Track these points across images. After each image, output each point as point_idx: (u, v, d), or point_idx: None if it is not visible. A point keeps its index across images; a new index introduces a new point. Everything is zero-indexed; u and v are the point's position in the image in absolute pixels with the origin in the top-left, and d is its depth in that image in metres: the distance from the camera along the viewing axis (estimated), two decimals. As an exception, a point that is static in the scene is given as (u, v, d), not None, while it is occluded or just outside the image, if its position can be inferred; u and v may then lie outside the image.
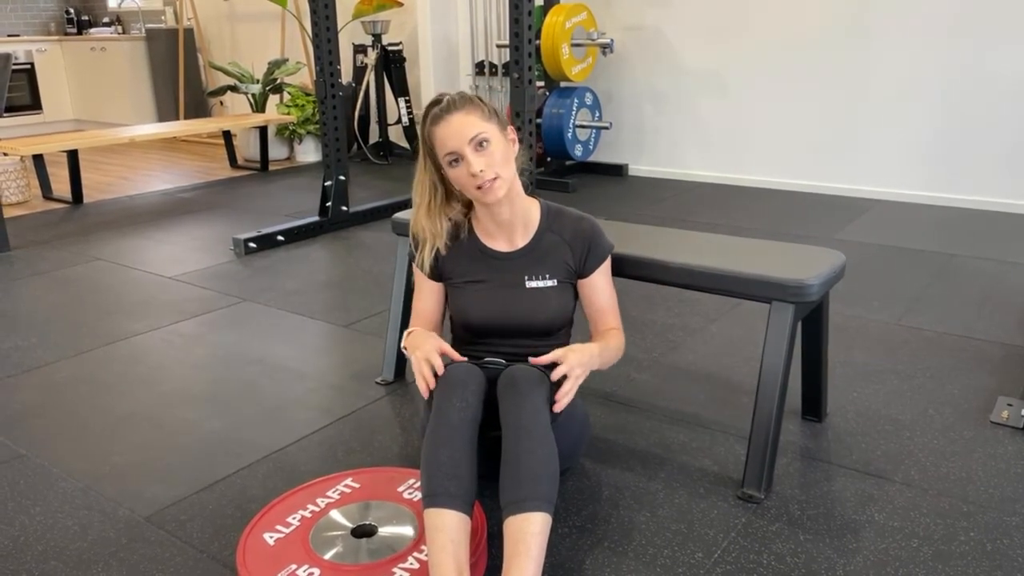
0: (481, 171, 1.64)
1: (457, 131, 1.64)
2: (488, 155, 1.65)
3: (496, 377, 1.64)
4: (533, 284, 1.79)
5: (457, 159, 1.66)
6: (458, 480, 1.48)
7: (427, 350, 1.64)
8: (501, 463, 1.52)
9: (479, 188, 1.66)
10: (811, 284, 1.75)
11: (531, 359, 1.65)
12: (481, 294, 1.80)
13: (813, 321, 2.04)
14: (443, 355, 1.66)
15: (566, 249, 1.80)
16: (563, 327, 1.86)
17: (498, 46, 5.79)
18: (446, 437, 1.52)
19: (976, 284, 3.20)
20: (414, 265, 1.88)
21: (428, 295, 1.87)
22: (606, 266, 1.84)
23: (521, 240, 1.80)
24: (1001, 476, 1.89)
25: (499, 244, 1.81)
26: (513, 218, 1.78)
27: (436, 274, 1.85)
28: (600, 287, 1.85)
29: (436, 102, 1.69)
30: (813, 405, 2.16)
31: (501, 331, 1.81)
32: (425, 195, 1.77)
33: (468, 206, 1.84)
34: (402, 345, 1.71)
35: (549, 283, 1.79)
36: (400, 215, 2.34)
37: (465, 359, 1.66)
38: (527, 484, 1.46)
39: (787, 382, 1.82)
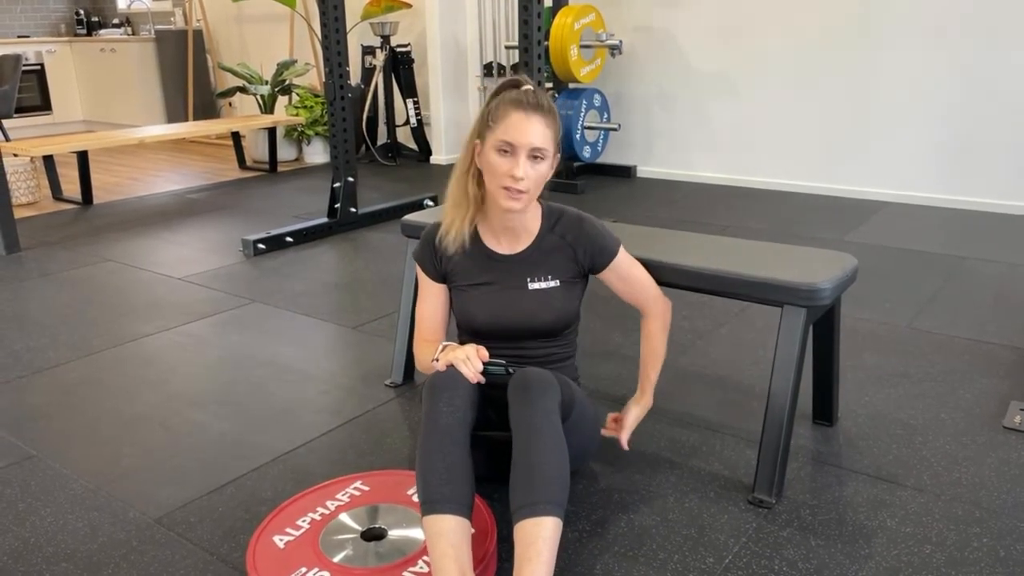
0: (521, 179, 1.63)
1: (529, 131, 1.62)
2: (535, 171, 1.66)
3: (498, 380, 1.63)
4: (536, 286, 1.79)
5: (508, 152, 1.64)
6: (453, 484, 1.48)
7: (466, 349, 1.62)
8: (512, 466, 1.51)
9: (506, 189, 1.65)
10: (823, 288, 1.74)
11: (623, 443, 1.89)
12: (485, 297, 1.80)
13: (824, 324, 2.03)
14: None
15: (569, 250, 1.80)
16: (567, 328, 1.85)
17: (507, 47, 5.79)
18: (437, 442, 1.52)
19: (988, 287, 3.18)
20: (418, 269, 1.87)
21: (432, 299, 1.87)
22: (620, 257, 1.83)
23: (523, 243, 1.80)
24: (1014, 481, 1.88)
25: (502, 247, 1.81)
26: (519, 224, 1.79)
27: (440, 276, 1.85)
28: (623, 275, 1.85)
29: (523, 87, 1.67)
30: (824, 409, 2.15)
31: (506, 333, 1.81)
32: (473, 165, 1.74)
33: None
34: (433, 358, 1.66)
35: (552, 284, 1.79)
36: (410, 217, 2.34)
37: (503, 361, 1.65)
38: (539, 488, 1.45)
39: (799, 386, 1.81)
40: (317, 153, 6.43)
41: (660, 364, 1.92)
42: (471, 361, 1.59)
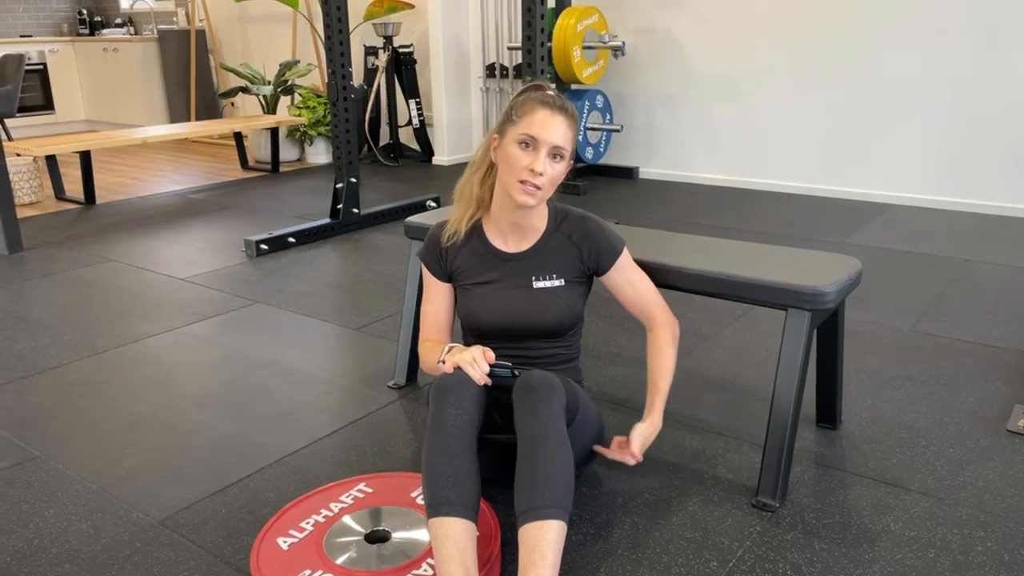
0: (540, 175, 1.66)
1: (553, 129, 1.66)
2: (553, 169, 1.69)
3: (504, 382, 1.64)
4: (541, 284, 1.80)
5: (530, 146, 1.67)
6: (459, 487, 1.48)
7: (473, 351, 1.62)
8: (516, 470, 1.51)
9: (522, 183, 1.67)
10: (828, 292, 1.74)
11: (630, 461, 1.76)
12: (490, 295, 1.80)
13: (828, 328, 2.03)
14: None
15: (574, 250, 1.81)
16: (572, 328, 1.85)
17: (509, 48, 5.79)
18: (444, 445, 1.52)
19: (991, 289, 3.18)
20: (423, 269, 1.88)
21: (437, 298, 1.88)
22: (624, 257, 1.84)
23: (529, 241, 1.81)
24: (1019, 485, 1.87)
25: (508, 245, 1.82)
26: (527, 223, 1.79)
27: (446, 275, 1.86)
28: (628, 278, 1.86)
29: (550, 90, 1.72)
30: (828, 412, 2.15)
31: (510, 332, 1.81)
32: (484, 163, 1.79)
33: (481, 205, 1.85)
34: (439, 359, 1.67)
35: (556, 283, 1.80)
36: (413, 219, 2.34)
37: (508, 363, 1.65)
38: (543, 491, 1.45)
39: (803, 389, 1.81)
40: (319, 154, 6.43)
41: (670, 379, 1.82)
42: (478, 363, 1.59)
